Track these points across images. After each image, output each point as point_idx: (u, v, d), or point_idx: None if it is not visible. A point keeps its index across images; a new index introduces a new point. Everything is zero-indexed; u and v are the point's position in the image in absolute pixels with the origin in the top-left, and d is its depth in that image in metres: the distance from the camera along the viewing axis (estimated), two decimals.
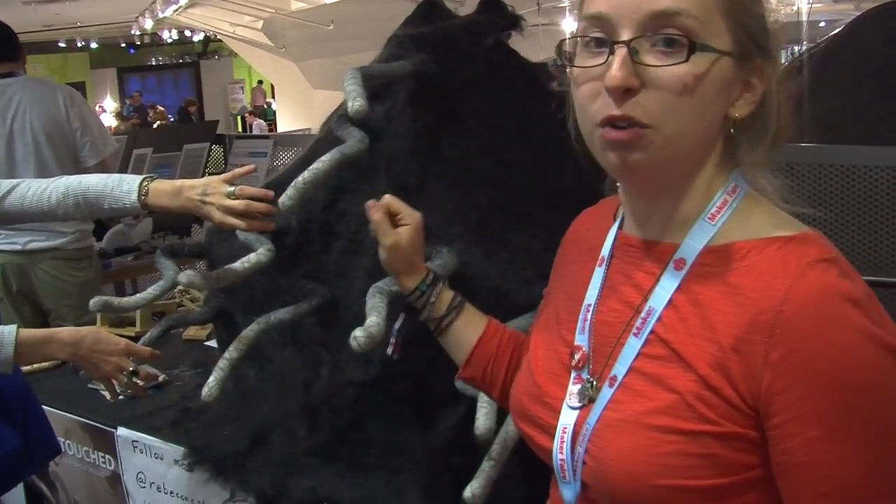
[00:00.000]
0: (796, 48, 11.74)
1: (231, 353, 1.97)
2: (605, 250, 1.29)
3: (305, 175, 1.68)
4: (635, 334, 1.18)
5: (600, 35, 1.13)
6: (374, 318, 1.59)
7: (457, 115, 2.01)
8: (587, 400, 1.20)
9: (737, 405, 1.08)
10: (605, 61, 1.10)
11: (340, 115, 1.88)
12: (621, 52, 1.09)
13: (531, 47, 1.64)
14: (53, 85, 4.42)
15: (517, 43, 2.22)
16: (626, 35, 1.09)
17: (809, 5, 11.51)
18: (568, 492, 1.20)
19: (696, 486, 1.08)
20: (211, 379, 1.99)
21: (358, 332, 1.52)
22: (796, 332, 1.06)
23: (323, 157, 1.72)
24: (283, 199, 1.67)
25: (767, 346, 1.06)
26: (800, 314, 1.06)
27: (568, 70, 1.20)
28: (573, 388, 1.23)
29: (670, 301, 1.16)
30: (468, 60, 2.05)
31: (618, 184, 1.27)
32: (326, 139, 2.04)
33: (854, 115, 4.08)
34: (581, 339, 1.26)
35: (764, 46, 1.16)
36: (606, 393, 1.17)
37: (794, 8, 11.69)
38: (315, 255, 2.05)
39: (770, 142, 1.20)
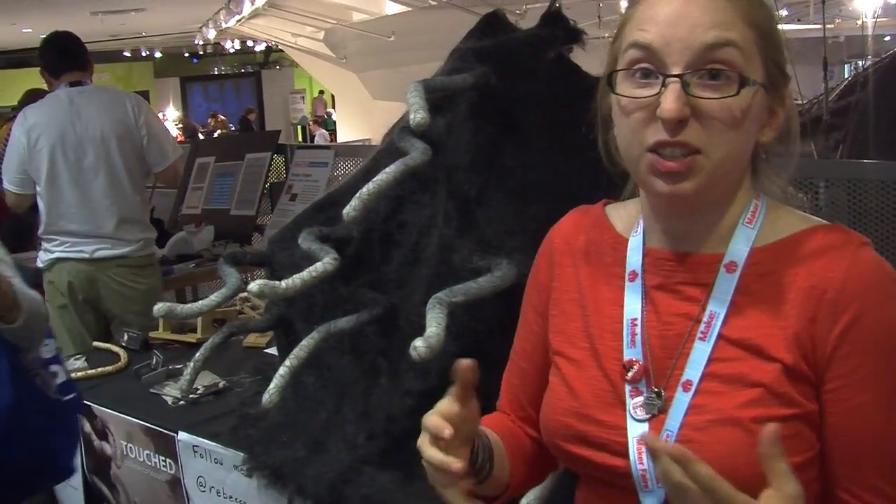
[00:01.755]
0: (860, 62, 11.64)
1: (291, 360, 1.99)
2: (635, 266, 1.32)
3: (370, 186, 1.70)
4: (701, 338, 1.22)
5: (648, 67, 1.19)
6: (433, 329, 1.60)
7: (517, 128, 2.03)
8: (656, 410, 1.24)
9: (812, 382, 1.17)
10: (657, 93, 1.17)
11: (403, 128, 1.89)
12: (675, 85, 1.15)
13: (593, 59, 1.66)
14: (121, 93, 4.51)
15: (578, 55, 2.23)
16: (676, 68, 1.16)
17: (875, 20, 11.39)
18: (651, 499, 1.22)
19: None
20: (271, 386, 2.02)
21: (418, 343, 1.54)
22: (858, 304, 1.16)
23: (387, 169, 1.73)
24: (348, 210, 1.69)
25: (832, 320, 1.16)
26: (861, 289, 1.16)
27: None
28: (634, 401, 1.26)
29: (732, 302, 1.22)
30: (529, 74, 2.06)
31: (642, 198, 1.32)
32: (388, 151, 2.06)
33: None
34: (633, 353, 1.28)
35: (786, 75, 1.26)
36: (683, 398, 1.21)
37: (860, 22, 11.59)
38: (375, 264, 2.07)
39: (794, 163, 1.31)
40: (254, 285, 1.85)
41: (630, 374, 1.27)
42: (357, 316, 2.00)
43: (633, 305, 1.30)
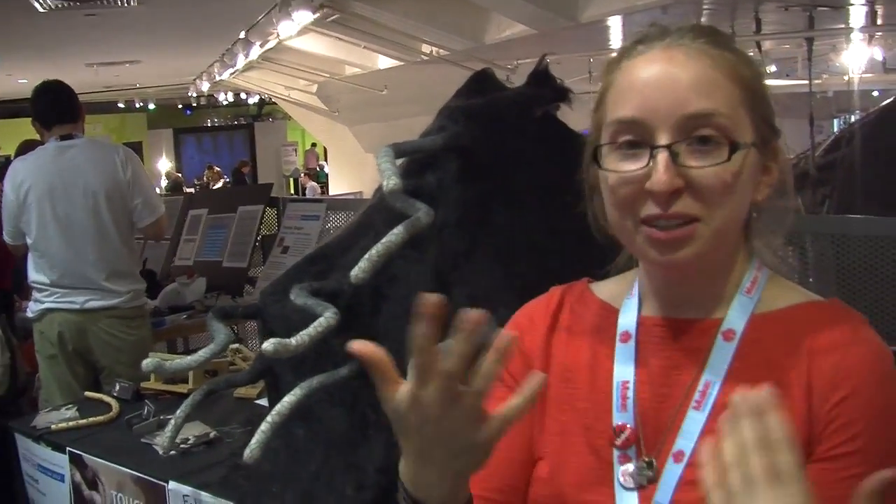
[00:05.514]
0: (850, 117, 11.77)
1: (274, 417, 1.99)
2: (627, 327, 1.27)
3: (378, 248, 1.75)
4: (695, 408, 1.18)
5: (633, 139, 1.16)
6: None
7: (506, 186, 2.06)
8: (646, 480, 1.19)
9: (807, 452, 1.10)
10: (646, 165, 1.14)
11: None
12: (663, 156, 1.12)
13: (583, 115, 1.71)
14: (110, 146, 4.52)
15: (570, 109, 2.24)
16: (664, 139, 1.13)
17: (860, 75, 11.52)
18: None
19: None
20: (253, 441, 2.02)
21: None
22: (857, 378, 1.12)
23: (395, 230, 1.78)
24: (356, 272, 1.73)
25: (830, 390, 1.12)
26: (860, 364, 1.13)
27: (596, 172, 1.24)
28: (624, 468, 1.21)
29: (728, 370, 1.18)
30: (517, 132, 2.10)
31: (641, 267, 1.29)
32: (379, 207, 2.09)
33: None
34: (624, 418, 1.23)
35: (776, 129, 1.22)
36: (674, 469, 1.17)
37: (846, 77, 11.73)
38: (365, 317, 2.10)
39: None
40: (268, 344, 1.84)
41: (620, 440, 1.22)
42: (338, 371, 2.02)
43: (624, 368, 1.25)
